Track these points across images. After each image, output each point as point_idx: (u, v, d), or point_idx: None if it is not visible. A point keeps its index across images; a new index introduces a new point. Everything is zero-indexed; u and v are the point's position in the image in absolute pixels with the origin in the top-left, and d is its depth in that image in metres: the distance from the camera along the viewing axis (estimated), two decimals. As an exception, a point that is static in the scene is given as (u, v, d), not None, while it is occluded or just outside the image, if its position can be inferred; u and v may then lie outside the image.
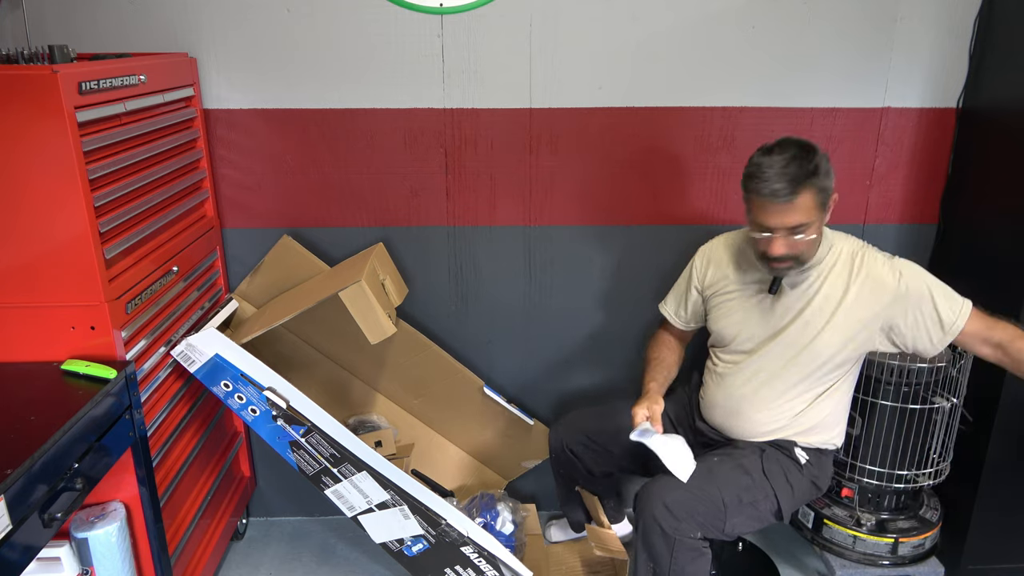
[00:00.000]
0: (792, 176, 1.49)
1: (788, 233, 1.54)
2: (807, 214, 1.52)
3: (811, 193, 1.50)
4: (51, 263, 1.42)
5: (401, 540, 1.81)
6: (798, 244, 1.56)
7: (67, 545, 1.51)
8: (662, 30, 1.99)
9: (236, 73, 1.99)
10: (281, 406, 1.70)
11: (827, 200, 1.56)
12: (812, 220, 1.53)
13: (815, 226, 1.55)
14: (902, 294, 1.62)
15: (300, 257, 2.09)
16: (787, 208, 1.51)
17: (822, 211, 1.55)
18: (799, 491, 1.73)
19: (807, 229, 1.54)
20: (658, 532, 1.61)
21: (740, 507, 1.66)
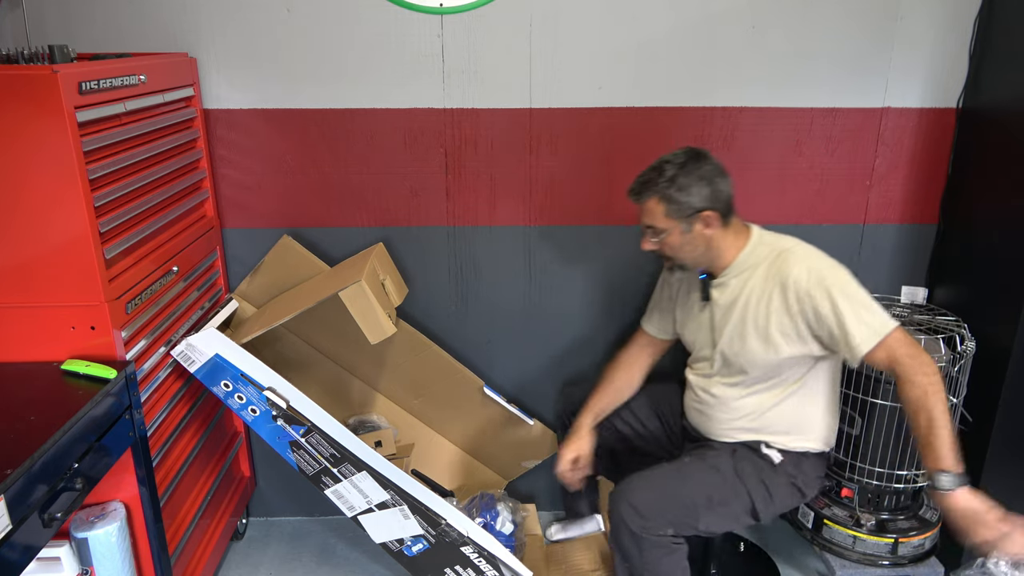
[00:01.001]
0: (643, 181, 1.64)
1: (649, 233, 1.66)
2: (655, 219, 1.63)
3: (656, 201, 1.61)
4: (51, 263, 1.42)
5: (401, 540, 1.81)
6: (662, 247, 1.67)
7: (67, 545, 1.51)
8: (662, 30, 1.99)
9: (236, 73, 1.99)
10: (281, 406, 1.70)
11: (684, 212, 1.60)
12: (665, 227, 1.62)
13: (673, 234, 1.63)
14: (811, 304, 1.57)
15: (300, 257, 2.09)
16: (640, 209, 1.66)
17: (679, 221, 1.61)
18: (776, 492, 1.70)
19: (661, 234, 1.64)
20: (626, 531, 1.63)
21: (711, 506, 1.66)
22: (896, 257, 2.23)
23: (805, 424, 1.74)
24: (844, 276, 1.58)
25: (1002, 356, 1.89)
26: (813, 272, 1.57)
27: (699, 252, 1.67)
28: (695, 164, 1.60)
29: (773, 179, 2.14)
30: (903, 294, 2.20)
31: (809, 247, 1.66)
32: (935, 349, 1.90)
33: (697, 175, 1.59)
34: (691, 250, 1.66)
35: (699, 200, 1.59)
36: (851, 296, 1.55)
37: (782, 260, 1.62)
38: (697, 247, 1.66)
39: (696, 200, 1.59)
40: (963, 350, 1.90)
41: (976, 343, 1.94)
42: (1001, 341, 1.89)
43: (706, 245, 1.66)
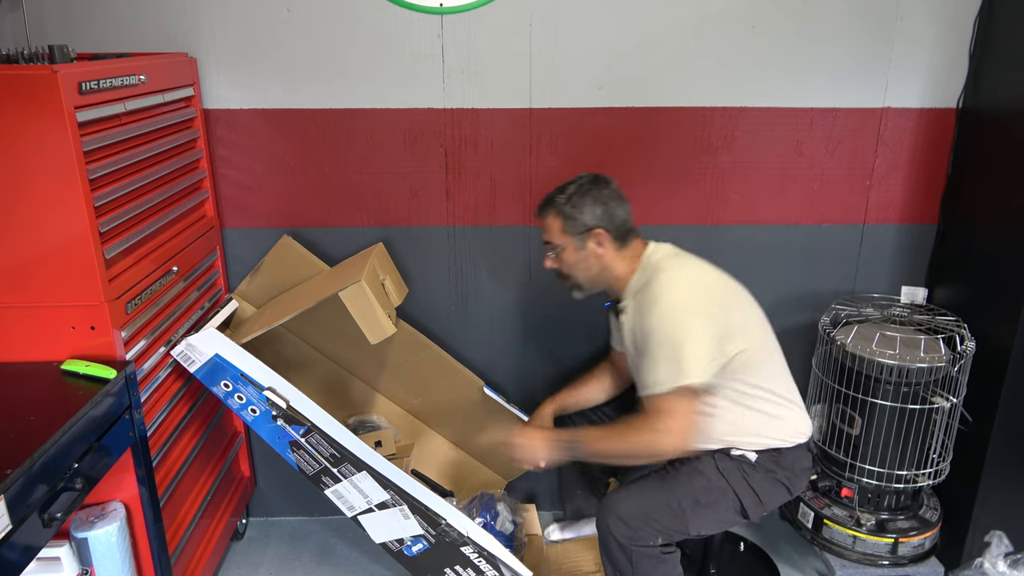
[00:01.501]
0: (545, 199, 1.76)
1: (548, 248, 1.77)
2: (553, 235, 1.74)
3: (554, 217, 1.73)
4: (51, 263, 1.42)
5: (401, 540, 1.81)
6: (559, 263, 1.77)
7: (67, 545, 1.51)
8: (662, 30, 1.99)
9: (236, 73, 1.99)
10: (281, 406, 1.70)
11: (578, 229, 1.70)
12: (560, 243, 1.73)
13: (568, 250, 1.73)
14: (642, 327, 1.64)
15: (300, 257, 2.09)
16: (541, 225, 1.77)
17: (573, 236, 1.71)
18: (761, 490, 1.69)
19: (557, 249, 1.74)
20: (615, 544, 1.64)
21: (699, 508, 1.66)
22: (896, 257, 2.23)
23: (755, 427, 1.71)
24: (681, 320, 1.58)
25: (1002, 356, 1.89)
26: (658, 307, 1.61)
27: (593, 272, 1.74)
28: (593, 187, 1.71)
29: (773, 179, 2.14)
30: (903, 294, 2.20)
31: (678, 274, 1.67)
32: (935, 349, 1.91)
33: (592, 196, 1.70)
34: (585, 269, 1.74)
35: (591, 218, 1.69)
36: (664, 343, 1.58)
37: (645, 290, 1.67)
38: (591, 266, 1.74)
39: (589, 218, 1.69)
40: (963, 350, 1.90)
41: (976, 343, 1.94)
42: (1001, 341, 1.89)
43: (600, 266, 1.73)
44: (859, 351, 1.93)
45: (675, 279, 1.65)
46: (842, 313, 2.11)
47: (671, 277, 1.65)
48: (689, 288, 1.65)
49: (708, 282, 1.70)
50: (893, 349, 1.90)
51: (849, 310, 2.12)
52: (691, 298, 1.62)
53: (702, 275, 1.71)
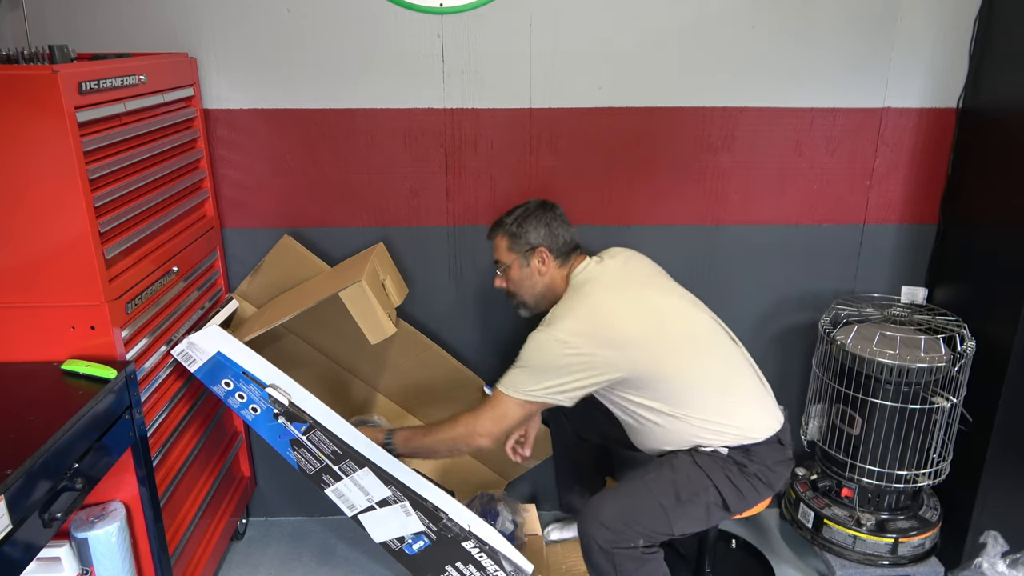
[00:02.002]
0: (494, 223, 1.88)
1: (496, 267, 1.88)
2: (500, 254, 1.85)
3: (501, 237, 1.84)
4: (51, 263, 1.42)
5: (402, 539, 1.81)
6: (505, 281, 1.88)
7: (67, 545, 1.51)
8: (662, 30, 1.99)
9: (236, 73, 1.99)
10: (283, 403, 1.70)
11: (521, 248, 1.81)
12: (507, 261, 1.84)
13: (514, 268, 1.84)
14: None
15: (300, 257, 2.09)
16: (492, 247, 1.88)
17: (518, 254, 1.82)
18: (739, 483, 1.70)
19: (503, 267, 1.86)
20: (596, 548, 1.66)
21: (680, 505, 1.67)
22: (896, 257, 2.23)
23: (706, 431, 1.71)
24: (543, 348, 1.67)
25: (1002, 356, 1.89)
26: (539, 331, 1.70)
27: (538, 291, 1.84)
28: (539, 210, 1.82)
29: (773, 179, 2.14)
30: (903, 294, 2.20)
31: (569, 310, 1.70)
32: (935, 349, 1.91)
33: (536, 218, 1.81)
34: (530, 287, 1.84)
35: (535, 238, 1.80)
36: (525, 358, 1.70)
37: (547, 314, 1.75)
38: (535, 284, 1.83)
39: (532, 237, 1.80)
40: (963, 350, 1.91)
41: (976, 343, 1.94)
42: (1001, 341, 1.89)
43: (543, 283, 1.83)
44: (859, 351, 1.93)
45: (568, 310, 1.71)
46: (842, 313, 2.11)
47: (567, 307, 1.72)
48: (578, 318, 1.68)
49: (603, 314, 1.69)
50: (893, 349, 1.90)
51: (849, 310, 2.12)
52: (568, 329, 1.66)
53: (600, 307, 1.71)
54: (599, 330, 1.67)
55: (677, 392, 1.70)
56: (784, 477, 1.77)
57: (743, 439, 1.71)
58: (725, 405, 1.73)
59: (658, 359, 1.69)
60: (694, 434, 1.71)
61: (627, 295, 1.75)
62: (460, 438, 1.76)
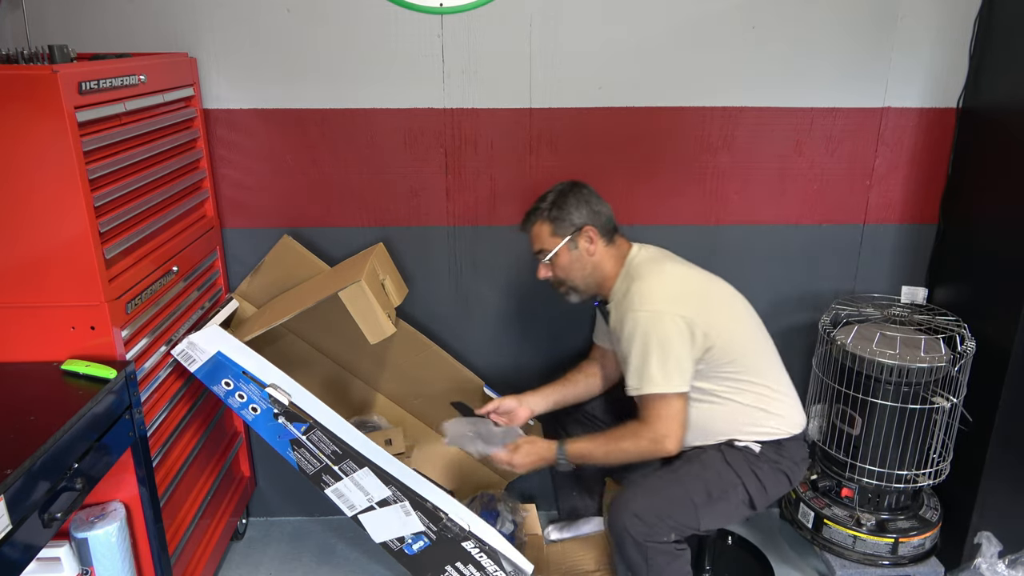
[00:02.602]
0: (527, 212, 1.82)
1: (540, 257, 1.80)
2: (544, 241, 1.78)
3: (541, 223, 1.77)
4: (51, 263, 1.42)
5: (402, 539, 1.81)
6: (554, 269, 1.80)
7: (67, 545, 1.51)
8: (662, 30, 1.99)
9: (236, 73, 1.99)
10: (283, 403, 1.70)
11: (567, 230, 1.75)
12: (551, 247, 1.77)
13: (562, 253, 1.77)
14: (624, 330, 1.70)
15: (300, 257, 2.09)
16: (530, 238, 1.82)
17: (563, 238, 1.75)
18: (766, 479, 1.72)
19: (550, 255, 1.78)
20: (630, 541, 1.64)
21: (711, 502, 1.68)
22: (896, 257, 2.23)
23: (751, 420, 1.73)
24: (661, 327, 1.64)
25: (1002, 356, 1.89)
26: (636, 314, 1.67)
27: (587, 272, 1.78)
28: (572, 190, 1.77)
29: (773, 179, 2.14)
30: (903, 294, 2.20)
31: (654, 286, 1.70)
32: (935, 349, 1.91)
33: (575, 197, 1.76)
34: (580, 269, 1.78)
35: (579, 217, 1.75)
36: (645, 346, 1.65)
37: (625, 295, 1.73)
38: (586, 266, 1.78)
39: (576, 217, 1.75)
40: (963, 350, 1.90)
41: (976, 343, 1.94)
42: (1001, 341, 1.90)
43: (592, 265, 1.78)
44: (859, 351, 1.93)
45: (651, 286, 1.70)
46: (842, 313, 2.11)
47: (648, 283, 1.70)
48: (665, 295, 1.69)
49: (684, 287, 1.74)
50: (893, 349, 1.90)
51: (849, 310, 2.12)
52: (668, 306, 1.66)
53: (679, 279, 1.75)
54: (689, 295, 1.71)
55: (747, 366, 1.72)
56: (803, 473, 1.81)
57: (781, 432, 1.74)
58: (776, 395, 1.76)
59: (737, 327, 1.74)
60: (745, 420, 1.72)
61: (696, 270, 1.79)
62: (647, 451, 1.69)
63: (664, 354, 1.64)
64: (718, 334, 1.68)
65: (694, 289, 1.75)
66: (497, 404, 1.95)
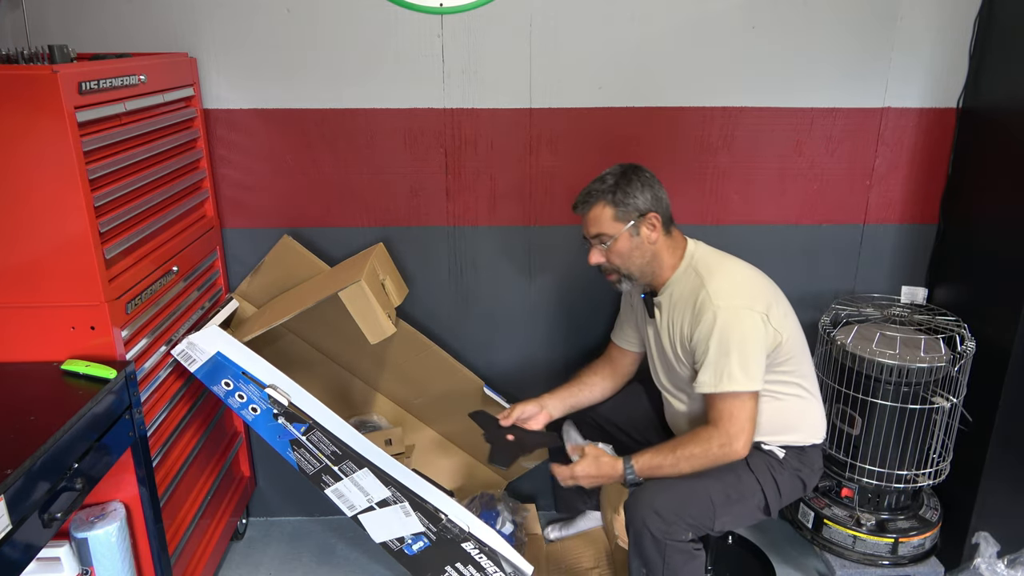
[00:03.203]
0: (587, 192, 1.71)
1: (596, 242, 1.71)
2: (603, 225, 1.68)
3: (603, 205, 1.67)
4: (51, 263, 1.42)
5: (402, 539, 1.81)
6: (609, 255, 1.71)
7: (67, 545, 1.51)
8: (662, 30, 1.99)
9: (236, 73, 1.99)
10: (283, 403, 1.70)
11: (630, 215, 1.66)
12: (612, 232, 1.67)
13: (622, 239, 1.68)
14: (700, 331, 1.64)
15: (300, 257, 2.09)
16: (585, 220, 1.71)
17: (625, 224, 1.67)
18: (784, 485, 1.72)
19: (609, 240, 1.69)
20: (648, 537, 1.63)
21: (729, 503, 1.68)
22: (896, 257, 2.23)
23: (780, 426, 1.73)
24: (741, 323, 1.61)
25: (1002, 356, 1.89)
26: (717, 311, 1.62)
27: (646, 260, 1.71)
28: (634, 172, 1.69)
29: (773, 179, 2.14)
30: (903, 294, 2.20)
31: (730, 282, 1.67)
32: (935, 349, 1.91)
33: (638, 181, 1.67)
34: (639, 256, 1.70)
35: (643, 202, 1.66)
36: (726, 343, 1.60)
37: (697, 291, 1.66)
38: (644, 253, 1.70)
39: (641, 202, 1.66)
40: (963, 350, 1.90)
41: (976, 343, 1.94)
42: (1001, 341, 1.90)
43: (652, 254, 1.71)
44: (859, 351, 1.93)
45: (729, 281, 1.67)
46: (842, 313, 2.11)
47: (725, 278, 1.67)
48: (743, 291, 1.67)
49: (755, 281, 1.72)
50: (893, 349, 1.90)
51: (849, 310, 2.12)
52: (747, 301, 1.64)
53: (748, 274, 1.73)
54: (763, 289, 1.69)
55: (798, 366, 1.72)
56: (817, 481, 1.81)
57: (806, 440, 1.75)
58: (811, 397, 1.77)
59: (794, 325, 1.72)
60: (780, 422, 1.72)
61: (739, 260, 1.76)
62: (720, 456, 1.62)
63: (745, 351, 1.60)
64: (784, 329, 1.67)
65: (765, 284, 1.73)
66: (520, 411, 1.92)
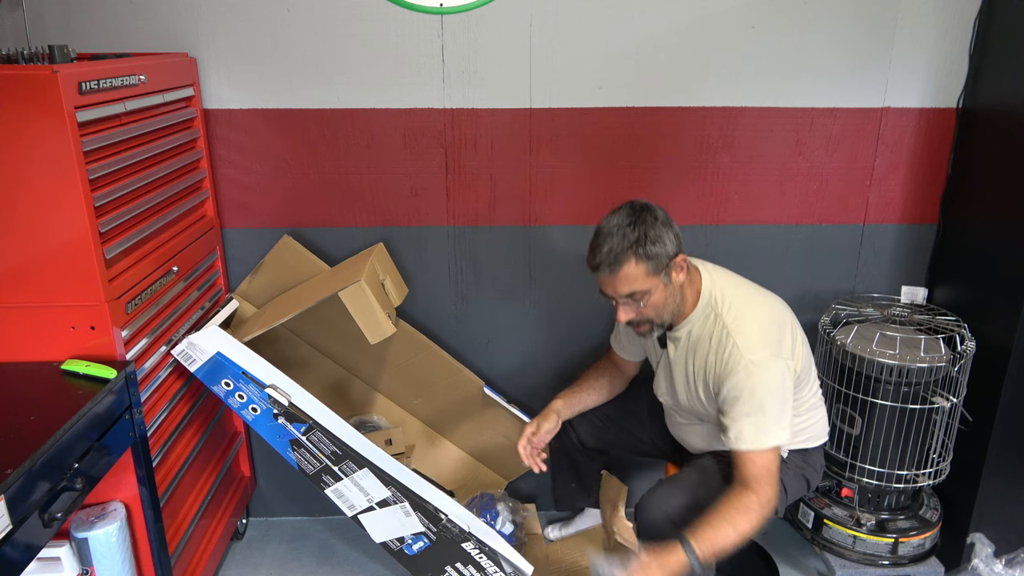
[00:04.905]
0: (609, 250, 1.50)
1: (628, 300, 1.55)
2: (637, 283, 1.52)
3: (634, 263, 1.50)
4: (51, 263, 1.42)
5: (402, 539, 1.81)
6: (643, 310, 1.57)
7: (67, 545, 1.51)
8: (662, 30, 1.99)
9: (236, 73, 1.99)
10: (283, 403, 1.70)
11: (663, 264, 1.52)
12: (647, 288, 1.53)
13: (657, 292, 1.54)
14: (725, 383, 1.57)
15: (300, 257, 2.09)
16: (614, 280, 1.53)
17: (659, 275, 1.53)
18: (790, 484, 1.73)
19: (645, 296, 1.54)
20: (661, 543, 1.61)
21: None
22: (896, 257, 2.23)
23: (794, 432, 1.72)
24: (772, 378, 1.54)
25: (1002, 356, 1.89)
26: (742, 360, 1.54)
27: (676, 304, 1.61)
28: (649, 213, 1.54)
29: (773, 179, 2.14)
30: (903, 294, 2.20)
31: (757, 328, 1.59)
32: (935, 349, 1.91)
33: (658, 222, 1.53)
34: (672, 303, 1.60)
35: (671, 246, 1.54)
36: (760, 399, 1.53)
37: (730, 353, 1.57)
38: (676, 299, 1.60)
39: (670, 247, 1.53)
40: (963, 350, 1.91)
41: (976, 343, 1.94)
42: (1001, 341, 1.90)
43: (680, 295, 1.61)
44: (859, 351, 1.93)
45: (756, 328, 1.57)
46: (842, 313, 2.11)
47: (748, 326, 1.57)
48: (768, 339, 1.58)
49: (775, 317, 1.63)
50: (893, 349, 1.90)
51: (849, 310, 2.12)
52: (774, 349, 1.57)
53: (768, 311, 1.64)
54: (783, 328, 1.61)
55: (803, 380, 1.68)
56: (820, 478, 1.81)
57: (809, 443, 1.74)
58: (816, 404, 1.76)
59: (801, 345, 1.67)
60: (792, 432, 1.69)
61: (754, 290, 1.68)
62: (761, 517, 1.53)
63: (778, 405, 1.54)
64: (801, 358, 1.64)
65: (782, 315, 1.64)
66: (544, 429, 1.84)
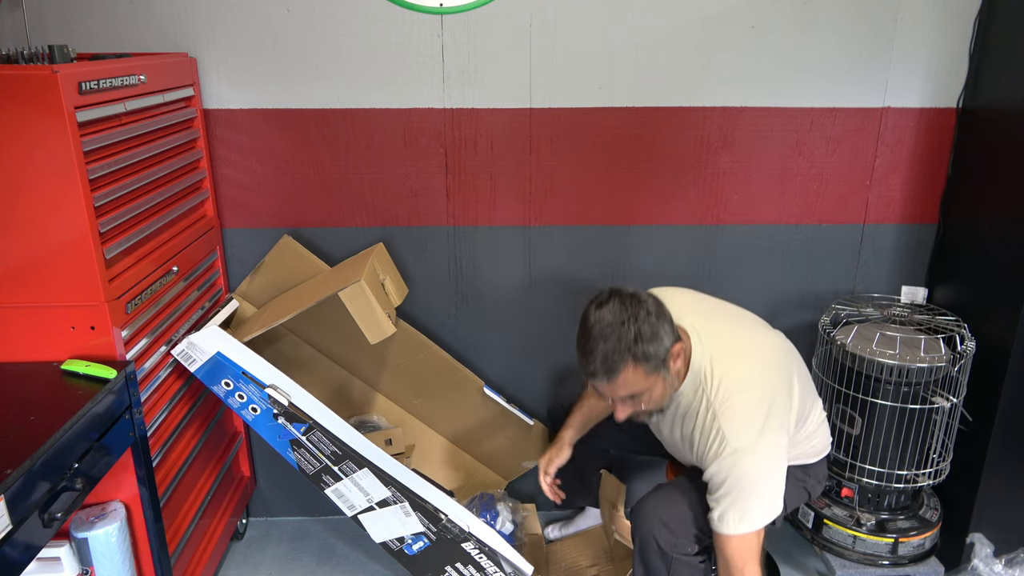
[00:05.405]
0: (602, 357, 1.42)
1: (628, 402, 1.51)
2: (635, 386, 1.46)
3: (632, 367, 1.42)
4: (51, 263, 1.42)
5: (402, 539, 1.81)
6: (642, 406, 1.53)
7: (67, 545, 1.51)
8: (662, 30, 1.99)
9: (236, 73, 1.99)
10: (283, 403, 1.70)
11: (660, 361, 1.44)
12: (647, 387, 1.47)
13: (657, 388, 1.49)
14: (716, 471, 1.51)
15: (300, 257, 2.09)
16: (612, 386, 1.46)
17: (658, 373, 1.46)
18: (788, 496, 1.67)
19: (644, 395, 1.49)
20: (655, 549, 1.61)
21: None
22: (896, 257, 2.23)
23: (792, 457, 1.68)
24: (764, 463, 1.49)
25: (1002, 356, 1.89)
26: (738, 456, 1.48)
27: (675, 388, 1.56)
28: (641, 308, 1.43)
29: (773, 179, 2.14)
30: (903, 294, 2.20)
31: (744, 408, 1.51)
32: (935, 349, 1.91)
33: (651, 315, 1.44)
34: (672, 390, 1.55)
35: (667, 339, 1.45)
36: (748, 488, 1.48)
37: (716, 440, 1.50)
38: (675, 385, 1.55)
39: (666, 341, 1.45)
40: (963, 350, 1.91)
41: (976, 343, 1.94)
42: (1001, 341, 1.90)
43: (678, 378, 1.55)
44: (859, 351, 1.93)
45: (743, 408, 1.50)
46: (842, 313, 2.11)
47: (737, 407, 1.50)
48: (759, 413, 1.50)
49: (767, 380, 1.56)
50: (893, 349, 1.90)
51: (849, 310, 2.12)
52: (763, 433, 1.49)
53: (759, 376, 1.55)
54: (776, 394, 1.54)
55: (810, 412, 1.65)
56: (821, 490, 1.79)
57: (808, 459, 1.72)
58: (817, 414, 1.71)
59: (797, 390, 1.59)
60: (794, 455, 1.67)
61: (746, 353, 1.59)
62: None
63: (767, 489, 1.50)
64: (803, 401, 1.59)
65: (772, 389, 1.54)
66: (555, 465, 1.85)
